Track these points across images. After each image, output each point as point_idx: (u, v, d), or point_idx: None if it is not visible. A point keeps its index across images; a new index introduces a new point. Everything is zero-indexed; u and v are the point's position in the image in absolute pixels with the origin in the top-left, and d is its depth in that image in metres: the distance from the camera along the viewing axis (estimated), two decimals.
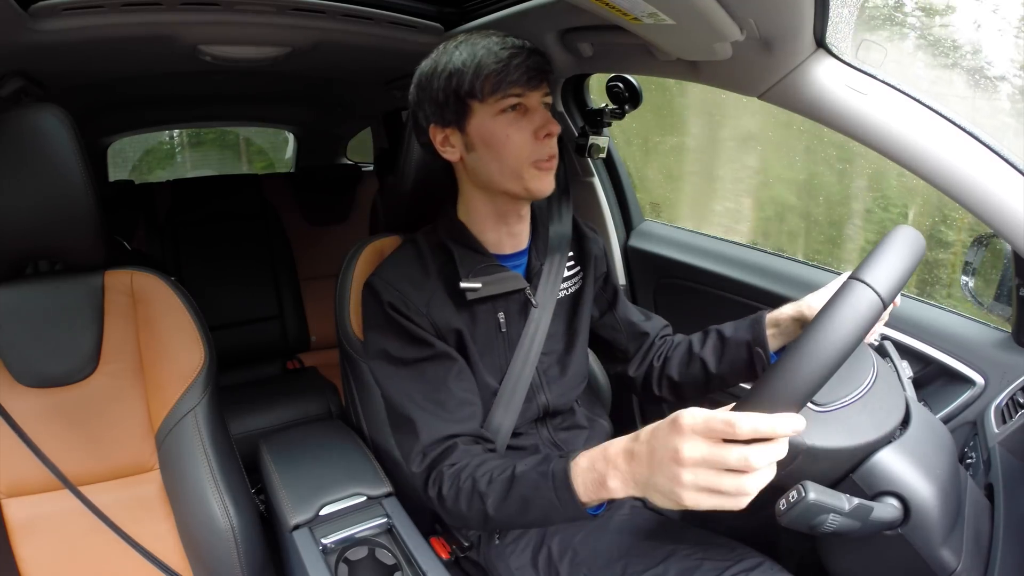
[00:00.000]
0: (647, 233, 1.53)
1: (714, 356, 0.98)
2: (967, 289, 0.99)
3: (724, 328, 0.99)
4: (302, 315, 2.27)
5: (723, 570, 0.78)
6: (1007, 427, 0.83)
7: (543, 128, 0.84)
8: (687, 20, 0.79)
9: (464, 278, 0.88)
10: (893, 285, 0.59)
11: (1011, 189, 0.79)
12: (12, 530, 0.97)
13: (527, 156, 0.84)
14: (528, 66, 0.82)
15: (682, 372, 1.03)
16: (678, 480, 0.56)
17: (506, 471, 0.75)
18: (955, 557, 0.67)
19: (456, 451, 0.83)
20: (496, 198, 0.90)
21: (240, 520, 0.97)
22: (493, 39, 0.84)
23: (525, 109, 0.85)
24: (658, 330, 1.10)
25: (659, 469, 0.58)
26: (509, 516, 0.75)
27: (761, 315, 0.95)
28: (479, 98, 0.83)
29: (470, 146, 0.87)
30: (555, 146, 0.87)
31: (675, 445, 0.56)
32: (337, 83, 1.85)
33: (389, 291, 0.89)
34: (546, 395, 0.97)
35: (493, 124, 0.84)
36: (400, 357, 0.88)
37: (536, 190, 0.86)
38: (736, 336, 0.96)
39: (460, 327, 0.90)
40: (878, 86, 0.84)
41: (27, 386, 0.97)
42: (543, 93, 0.86)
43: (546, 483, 0.69)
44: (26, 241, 0.95)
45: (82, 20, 1.03)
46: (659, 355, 1.08)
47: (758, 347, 0.92)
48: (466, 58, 0.83)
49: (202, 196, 2.27)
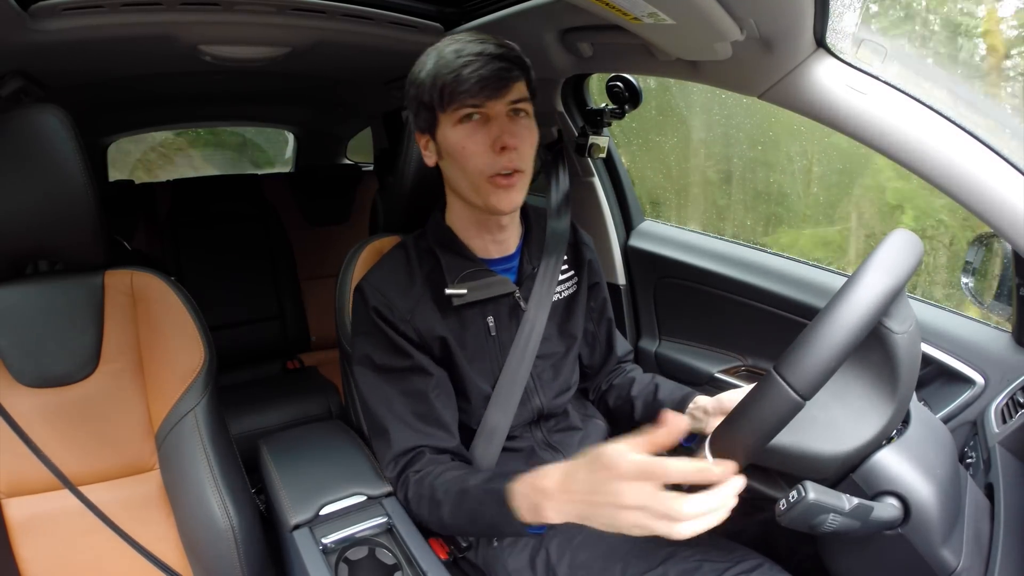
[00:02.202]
0: (647, 233, 1.53)
1: (641, 406, 1.03)
2: (967, 289, 0.99)
3: (662, 386, 1.03)
4: (302, 315, 2.27)
5: (722, 572, 0.78)
6: (1007, 427, 0.83)
7: (498, 140, 0.81)
8: (687, 20, 0.79)
9: (450, 284, 0.89)
10: (813, 382, 0.59)
11: (1011, 189, 0.79)
12: (12, 530, 0.97)
13: (484, 169, 0.82)
14: (482, 75, 0.78)
15: (615, 404, 1.08)
16: (618, 519, 0.60)
17: (459, 483, 0.80)
18: (955, 557, 0.67)
19: (423, 459, 0.88)
20: (472, 207, 0.90)
21: (240, 520, 0.97)
22: (456, 45, 0.82)
23: (487, 118, 0.82)
24: (621, 355, 1.13)
25: (600, 508, 0.62)
26: (462, 525, 0.81)
27: (690, 394, 0.97)
28: (441, 108, 0.83)
29: (440, 154, 0.87)
30: (517, 159, 0.83)
31: (615, 489, 0.60)
32: (337, 83, 1.85)
33: (376, 296, 0.90)
34: (540, 398, 0.97)
35: (452, 134, 0.83)
36: (382, 365, 0.91)
37: (494, 206, 0.84)
38: (663, 400, 1.00)
39: (445, 334, 0.91)
40: (878, 86, 0.84)
41: (27, 386, 0.97)
42: (510, 100, 0.82)
43: (490, 499, 0.74)
44: (26, 241, 0.95)
45: (82, 20, 1.03)
46: (607, 379, 1.12)
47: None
48: (430, 68, 0.82)
49: (202, 196, 2.27)
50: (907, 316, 0.68)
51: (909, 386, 0.69)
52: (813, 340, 0.58)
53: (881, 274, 0.60)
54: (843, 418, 0.68)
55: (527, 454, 0.96)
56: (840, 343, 0.58)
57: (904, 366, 0.67)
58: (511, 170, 0.83)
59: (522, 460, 0.96)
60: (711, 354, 1.39)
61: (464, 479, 0.80)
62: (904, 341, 0.66)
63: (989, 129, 0.81)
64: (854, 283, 0.60)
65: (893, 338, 0.65)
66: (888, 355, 0.66)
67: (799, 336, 0.59)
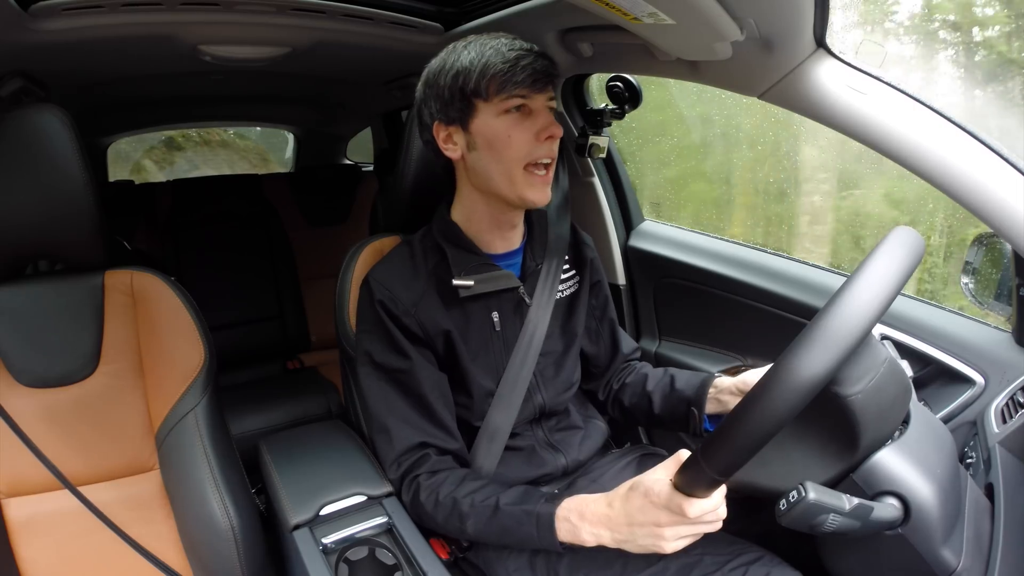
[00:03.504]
0: (647, 233, 1.53)
1: (660, 400, 1.03)
2: (967, 289, 0.99)
3: (678, 377, 1.03)
4: (302, 315, 2.27)
5: (722, 564, 0.78)
6: (1007, 427, 0.83)
7: (545, 130, 0.85)
8: (687, 20, 0.79)
9: (457, 276, 0.89)
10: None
11: (1011, 189, 0.79)
12: (12, 530, 0.97)
13: (524, 156, 0.85)
14: (535, 68, 0.82)
15: (632, 402, 1.07)
16: (661, 537, 0.70)
17: (489, 499, 0.82)
18: (955, 557, 0.67)
19: (428, 461, 0.89)
20: (492, 202, 0.91)
21: (240, 520, 0.97)
22: (503, 40, 0.85)
23: (529, 111, 0.86)
24: (627, 352, 1.12)
25: (640, 534, 0.71)
26: (485, 537, 0.84)
27: (709, 378, 0.98)
28: (484, 97, 0.84)
29: (472, 145, 0.87)
30: (554, 150, 0.87)
31: (654, 518, 0.69)
32: (337, 83, 1.85)
33: (380, 290, 0.91)
34: (542, 395, 0.97)
35: (496, 123, 0.85)
36: (382, 363, 0.91)
37: (530, 199, 0.87)
38: (682, 389, 1.00)
39: (450, 328, 0.91)
40: (878, 86, 0.84)
41: (27, 386, 0.97)
42: (548, 97, 0.87)
43: (530, 521, 0.79)
44: (26, 241, 0.95)
45: (82, 20, 1.04)
46: (618, 378, 1.11)
47: (694, 408, 0.96)
48: (474, 57, 0.84)
49: (202, 196, 2.27)
50: (865, 371, 0.63)
51: (877, 432, 0.66)
52: (731, 427, 0.58)
53: (812, 359, 0.55)
54: (799, 460, 0.68)
55: (528, 452, 0.96)
56: (757, 434, 0.56)
57: (863, 422, 0.63)
58: (550, 159, 0.87)
59: (523, 459, 0.96)
60: (711, 354, 1.39)
61: (492, 496, 0.82)
62: (859, 400, 0.62)
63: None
64: (782, 367, 0.56)
65: (845, 401, 0.62)
66: (842, 415, 0.63)
67: (723, 420, 0.60)
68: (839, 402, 0.62)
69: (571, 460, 0.98)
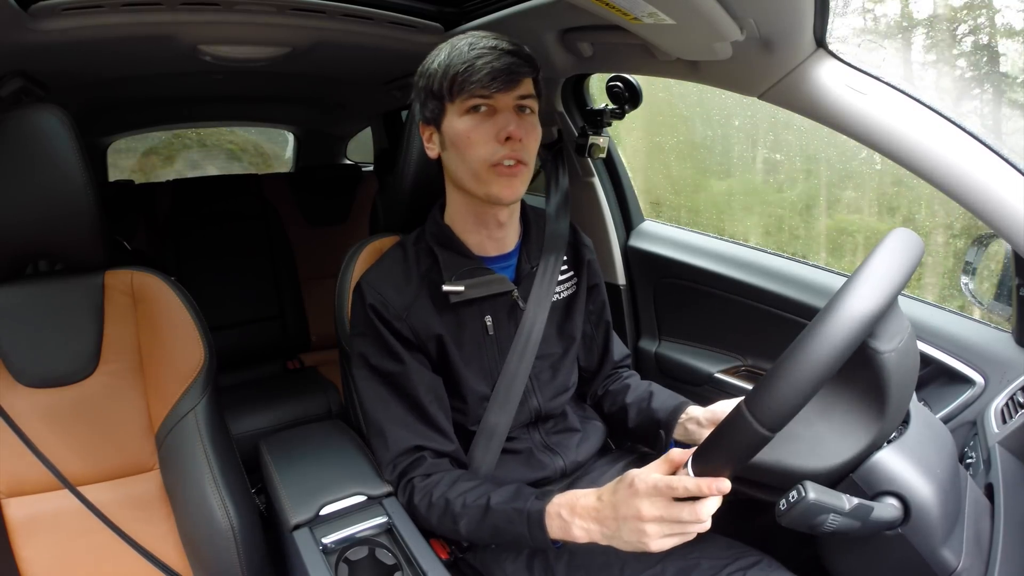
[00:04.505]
0: (647, 233, 1.53)
1: (635, 414, 1.03)
2: (967, 289, 0.99)
3: (656, 395, 1.03)
4: (302, 315, 2.26)
5: (720, 568, 0.78)
6: (1007, 427, 0.83)
7: (503, 131, 0.83)
8: (687, 20, 0.79)
9: (447, 281, 0.89)
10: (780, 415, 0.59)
11: (1011, 189, 0.79)
12: (12, 530, 0.97)
13: (486, 158, 0.84)
14: (494, 67, 0.81)
15: (610, 410, 1.08)
16: (644, 532, 0.68)
17: (480, 499, 0.82)
18: (955, 557, 0.67)
19: (424, 463, 0.90)
20: (469, 200, 0.91)
21: (240, 520, 0.97)
22: (471, 39, 0.84)
23: (493, 111, 0.84)
24: (618, 359, 1.12)
25: (624, 525, 0.70)
26: (479, 537, 0.84)
27: (683, 404, 0.98)
28: (449, 98, 0.84)
29: (443, 145, 0.88)
30: (521, 151, 0.85)
31: (636, 506, 0.68)
32: (337, 83, 1.85)
33: (372, 294, 0.91)
34: (538, 399, 0.97)
35: (458, 124, 0.85)
36: (376, 366, 0.91)
37: (496, 195, 0.86)
38: (656, 409, 1.00)
39: (442, 332, 0.91)
40: (878, 86, 0.84)
41: (27, 386, 0.97)
42: (518, 95, 0.84)
43: (520, 519, 0.78)
44: (26, 241, 0.95)
45: (82, 20, 1.03)
46: (603, 385, 1.11)
47: (663, 430, 0.97)
48: (443, 59, 0.84)
49: (202, 196, 2.27)
50: (896, 331, 0.65)
51: (901, 402, 0.68)
52: (781, 375, 0.58)
53: (861, 298, 0.58)
54: (827, 435, 0.68)
55: (526, 456, 0.96)
56: (808, 379, 0.57)
57: (893, 384, 0.65)
58: (514, 160, 0.84)
59: (521, 462, 0.96)
60: (711, 354, 1.39)
61: (484, 495, 0.82)
62: (892, 360, 0.64)
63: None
64: (829, 311, 0.58)
65: (880, 358, 0.64)
66: (875, 375, 0.65)
67: (770, 369, 0.59)
68: (875, 360, 0.64)
69: (569, 462, 0.98)
